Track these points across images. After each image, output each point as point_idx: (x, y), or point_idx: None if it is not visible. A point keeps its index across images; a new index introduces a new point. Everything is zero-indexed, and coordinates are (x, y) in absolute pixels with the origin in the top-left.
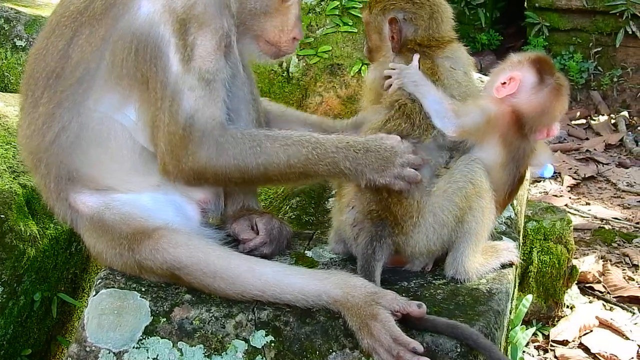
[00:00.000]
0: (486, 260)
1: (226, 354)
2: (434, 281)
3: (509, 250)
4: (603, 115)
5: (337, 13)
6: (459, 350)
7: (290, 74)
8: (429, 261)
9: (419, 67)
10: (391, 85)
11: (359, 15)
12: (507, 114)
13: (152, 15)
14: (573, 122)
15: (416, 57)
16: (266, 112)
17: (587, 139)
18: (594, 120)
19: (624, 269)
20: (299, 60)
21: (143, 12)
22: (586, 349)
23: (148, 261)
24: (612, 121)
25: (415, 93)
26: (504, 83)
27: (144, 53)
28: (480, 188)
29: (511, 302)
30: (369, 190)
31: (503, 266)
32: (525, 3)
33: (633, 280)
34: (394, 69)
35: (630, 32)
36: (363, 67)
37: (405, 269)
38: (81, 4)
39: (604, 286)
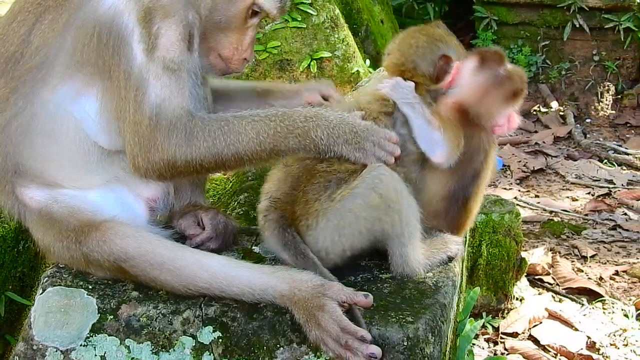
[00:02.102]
0: (432, 253)
1: (174, 350)
2: (380, 275)
3: (456, 243)
4: (551, 108)
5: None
6: (406, 343)
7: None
8: (339, 261)
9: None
10: None
11: (308, 10)
12: (454, 107)
13: (117, 4)
14: (522, 115)
15: (411, 82)
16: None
17: (535, 131)
18: (543, 113)
19: (573, 261)
20: None
21: (107, 1)
22: (536, 341)
23: (95, 253)
24: (561, 114)
25: (406, 111)
26: (449, 73)
27: (106, 41)
28: (387, 196)
29: (459, 295)
30: (288, 180)
31: (450, 259)
32: None
33: (582, 271)
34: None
35: (577, 26)
36: (312, 63)
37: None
38: None
39: (553, 278)
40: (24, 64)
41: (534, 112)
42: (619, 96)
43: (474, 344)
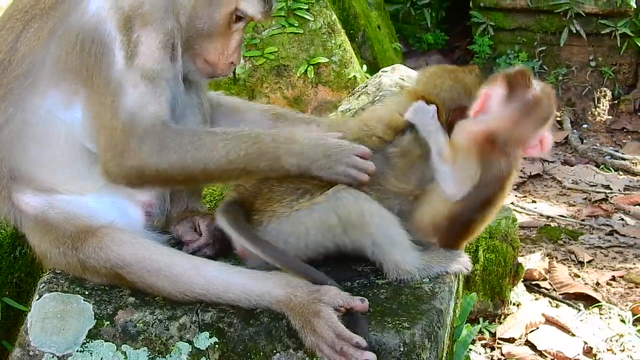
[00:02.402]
0: (431, 262)
1: (170, 356)
2: (377, 281)
3: (461, 259)
4: None
5: (282, 14)
6: (402, 349)
7: (237, 76)
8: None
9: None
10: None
11: (305, 16)
12: (479, 136)
13: (100, 11)
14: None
15: (433, 107)
16: (219, 107)
17: None
18: None
19: (569, 266)
20: (245, 62)
21: (91, 8)
22: (532, 346)
23: (91, 260)
24: (558, 119)
25: (424, 137)
26: (477, 103)
27: (89, 48)
28: (347, 218)
29: (455, 301)
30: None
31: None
32: (470, 3)
33: (579, 277)
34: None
35: (574, 31)
36: (309, 68)
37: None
38: None
39: (550, 283)
40: (12, 72)
41: None
42: (616, 102)
43: (470, 350)
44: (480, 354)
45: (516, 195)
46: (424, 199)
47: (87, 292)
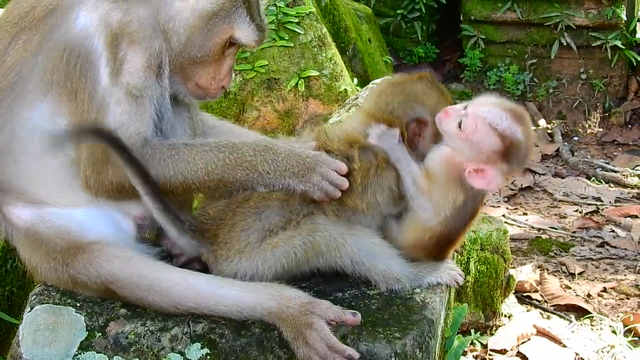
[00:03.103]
0: (422, 272)
1: None
2: (368, 291)
3: (452, 271)
4: (539, 126)
5: (273, 27)
6: (393, 359)
7: (227, 89)
8: None
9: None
10: None
11: (295, 30)
12: (461, 164)
13: (88, 26)
14: None
15: (396, 130)
16: (214, 128)
17: None
18: None
19: (560, 278)
20: (235, 75)
21: (80, 22)
22: (524, 358)
23: (82, 275)
24: (548, 132)
25: (396, 165)
26: (475, 171)
27: (74, 63)
28: (324, 246)
29: (447, 312)
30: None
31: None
32: (461, 16)
33: (570, 288)
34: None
35: (564, 44)
36: (300, 82)
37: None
38: (23, 9)
39: (541, 295)
40: None
41: None
42: (607, 114)
43: None
44: None
45: (507, 208)
46: (405, 225)
47: (78, 304)
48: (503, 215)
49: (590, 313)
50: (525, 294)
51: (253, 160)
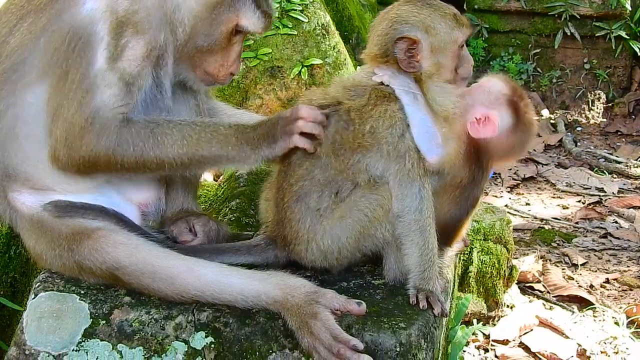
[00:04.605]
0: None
1: (166, 355)
2: (373, 281)
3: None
4: (542, 116)
5: (276, 15)
6: (398, 349)
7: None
8: (341, 268)
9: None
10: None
11: (299, 17)
12: (475, 142)
13: (95, 12)
14: None
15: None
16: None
17: None
18: None
19: (563, 269)
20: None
21: (87, 7)
22: (526, 348)
23: (87, 261)
24: (552, 122)
25: (407, 101)
26: (479, 119)
27: (74, 45)
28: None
29: (450, 302)
30: (273, 198)
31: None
32: (465, 5)
33: (572, 279)
34: (384, 72)
35: (568, 34)
36: (303, 70)
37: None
38: None
39: (543, 285)
40: (0, 65)
41: None
42: (610, 104)
43: (464, 351)
44: (474, 355)
45: (510, 198)
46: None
47: (82, 292)
48: (506, 206)
49: (593, 304)
50: (527, 285)
51: (227, 133)
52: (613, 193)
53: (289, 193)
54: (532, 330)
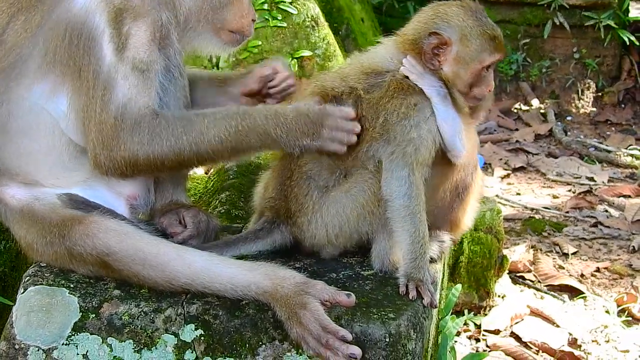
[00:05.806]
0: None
1: (156, 348)
2: (362, 272)
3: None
4: (532, 106)
5: (266, 8)
6: (388, 339)
7: (220, 69)
8: (336, 252)
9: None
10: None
11: (288, 9)
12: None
13: (89, 4)
14: (503, 113)
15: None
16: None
17: (516, 129)
18: (524, 111)
19: (554, 258)
20: (228, 56)
21: (79, 0)
22: (517, 338)
23: (78, 247)
24: (542, 111)
25: (436, 101)
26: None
27: (77, 41)
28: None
29: (440, 292)
30: (277, 177)
31: (432, 260)
32: None
33: (563, 268)
34: (411, 69)
35: (557, 24)
36: (293, 62)
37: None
38: None
39: (534, 275)
40: None
41: (515, 110)
42: (600, 94)
43: (455, 341)
44: (465, 345)
45: (501, 188)
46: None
47: (72, 285)
48: (496, 195)
49: (584, 293)
50: (518, 274)
51: (265, 125)
52: (603, 182)
53: (297, 173)
54: (523, 319)
